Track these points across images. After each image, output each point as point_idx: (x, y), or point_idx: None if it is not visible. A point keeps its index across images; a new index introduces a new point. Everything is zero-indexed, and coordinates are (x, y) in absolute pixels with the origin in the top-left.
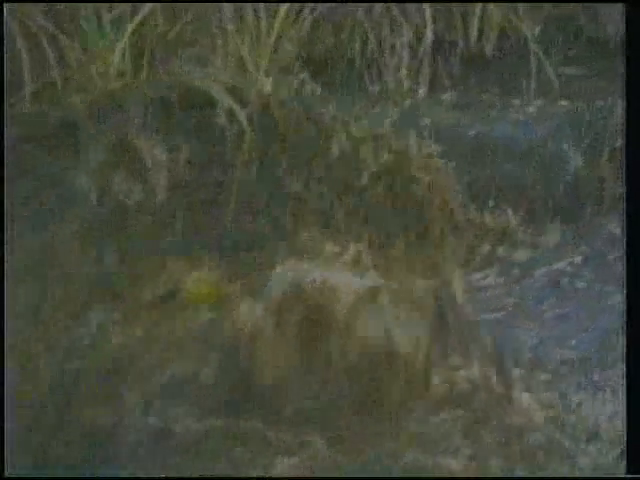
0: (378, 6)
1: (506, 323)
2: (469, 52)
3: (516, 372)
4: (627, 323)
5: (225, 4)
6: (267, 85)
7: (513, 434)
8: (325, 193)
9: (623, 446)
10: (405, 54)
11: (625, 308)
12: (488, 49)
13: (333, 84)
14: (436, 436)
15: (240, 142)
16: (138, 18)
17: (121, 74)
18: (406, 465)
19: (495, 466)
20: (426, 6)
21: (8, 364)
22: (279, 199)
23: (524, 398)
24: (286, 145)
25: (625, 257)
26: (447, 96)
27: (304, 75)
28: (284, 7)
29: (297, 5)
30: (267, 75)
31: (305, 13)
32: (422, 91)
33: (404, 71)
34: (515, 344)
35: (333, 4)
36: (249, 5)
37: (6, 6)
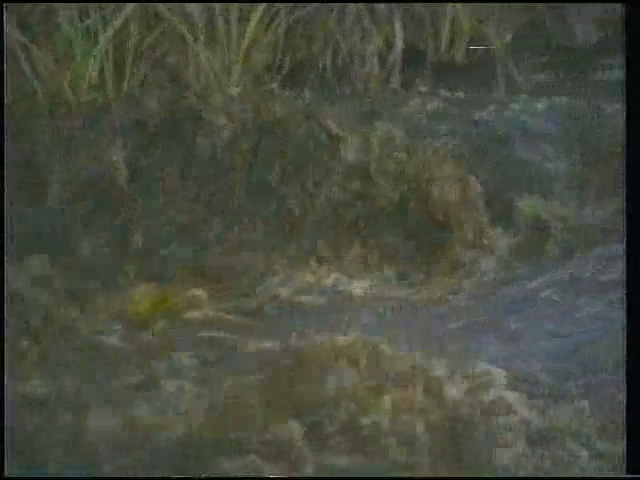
0: (349, 16)
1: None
2: (439, 59)
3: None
4: (627, 325)
5: (196, 14)
6: (235, 92)
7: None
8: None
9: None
10: (375, 61)
11: (625, 308)
12: (459, 57)
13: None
14: None
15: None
16: (118, 22)
17: (96, 86)
18: None
19: None
20: (397, 17)
21: None
22: (274, 208)
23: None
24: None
25: (625, 258)
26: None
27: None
28: (258, 10)
29: (270, 13)
30: (238, 83)
31: (280, 16)
32: (393, 90)
33: (375, 77)
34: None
35: (305, 12)
36: (221, 15)
37: None
